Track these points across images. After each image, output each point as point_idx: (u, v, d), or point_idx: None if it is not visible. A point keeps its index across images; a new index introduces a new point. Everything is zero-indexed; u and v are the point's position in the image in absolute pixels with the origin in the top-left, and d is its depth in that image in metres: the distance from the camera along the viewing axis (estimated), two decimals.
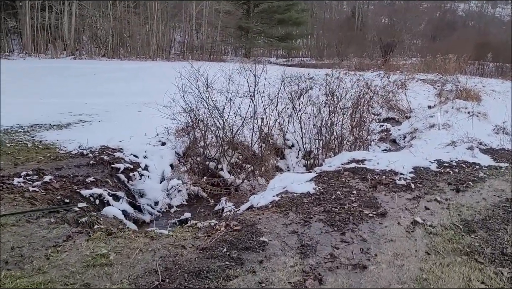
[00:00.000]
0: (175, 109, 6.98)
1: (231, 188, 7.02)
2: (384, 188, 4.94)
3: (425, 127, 10.50)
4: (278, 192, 4.93)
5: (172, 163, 6.86)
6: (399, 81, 15.11)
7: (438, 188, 5.02)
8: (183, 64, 7.43)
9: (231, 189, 7.02)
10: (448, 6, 65.82)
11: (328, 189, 4.88)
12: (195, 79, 6.84)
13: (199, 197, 6.56)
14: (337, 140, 8.48)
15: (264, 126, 7.61)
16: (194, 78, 6.83)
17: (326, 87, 8.42)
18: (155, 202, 6.22)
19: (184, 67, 7.00)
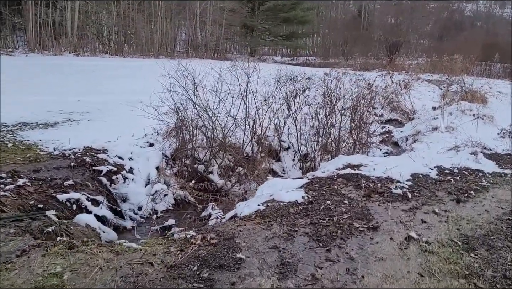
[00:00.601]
0: (162, 109, 6.65)
1: (222, 192, 6.71)
2: (378, 197, 4.59)
3: (428, 130, 10.14)
4: (264, 200, 4.59)
5: (159, 166, 6.53)
6: (403, 81, 14.70)
7: (437, 198, 4.67)
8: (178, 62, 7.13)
9: (221, 193, 6.71)
10: (455, 6, 65.07)
11: (318, 197, 4.53)
12: (183, 77, 6.49)
13: (186, 202, 6.23)
14: (335, 143, 8.13)
15: (257, 127, 7.28)
16: (182, 76, 6.48)
17: (324, 87, 8.05)
18: (138, 207, 5.89)
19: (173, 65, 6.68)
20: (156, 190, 5.88)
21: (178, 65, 6.50)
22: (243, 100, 6.86)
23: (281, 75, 7.71)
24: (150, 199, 5.85)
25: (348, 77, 8.70)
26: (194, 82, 6.50)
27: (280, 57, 50.81)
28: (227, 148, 6.93)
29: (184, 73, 6.50)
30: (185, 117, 6.65)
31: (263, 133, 7.48)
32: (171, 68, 6.51)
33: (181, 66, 6.51)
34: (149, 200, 5.82)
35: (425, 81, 21.05)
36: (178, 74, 6.46)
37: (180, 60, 7.11)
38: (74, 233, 4.12)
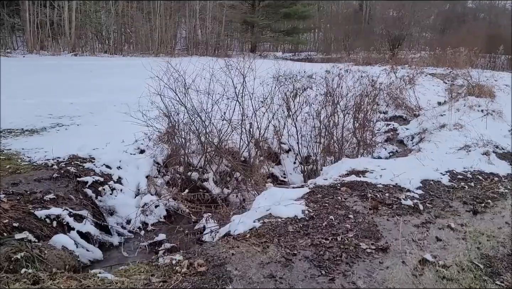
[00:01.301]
0: (152, 114, 6.24)
1: (218, 201, 6.29)
2: (386, 210, 4.15)
3: (435, 127, 9.67)
4: (260, 214, 4.16)
5: (149, 174, 6.11)
6: (407, 77, 14.22)
7: (451, 209, 4.23)
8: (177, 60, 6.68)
9: (218, 201, 6.29)
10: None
11: (320, 211, 4.10)
12: (173, 79, 6.06)
13: (179, 213, 5.80)
14: (338, 144, 7.69)
15: (255, 130, 6.84)
16: (171, 78, 6.05)
17: (325, 86, 7.60)
18: (127, 220, 5.47)
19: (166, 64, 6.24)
20: (145, 202, 5.45)
21: (168, 66, 6.04)
22: (239, 102, 6.42)
23: (280, 74, 7.25)
24: (140, 212, 5.43)
25: (350, 75, 8.22)
26: (184, 84, 6.05)
27: (281, 53, 50.23)
28: (223, 152, 6.49)
29: (174, 75, 6.05)
30: (177, 122, 6.21)
31: (262, 136, 7.04)
32: (162, 69, 6.07)
33: (171, 67, 6.06)
34: (138, 213, 5.40)
35: (428, 75, 20.53)
36: (167, 76, 6.02)
37: (181, 58, 6.63)
38: (49, 258, 3.71)
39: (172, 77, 6.01)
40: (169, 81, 5.97)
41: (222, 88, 6.40)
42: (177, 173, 6.36)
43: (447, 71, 22.86)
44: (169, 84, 5.98)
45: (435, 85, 17.99)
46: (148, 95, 6.06)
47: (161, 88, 6.04)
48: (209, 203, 6.10)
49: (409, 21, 39.86)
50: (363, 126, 8.17)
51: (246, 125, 6.45)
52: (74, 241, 4.69)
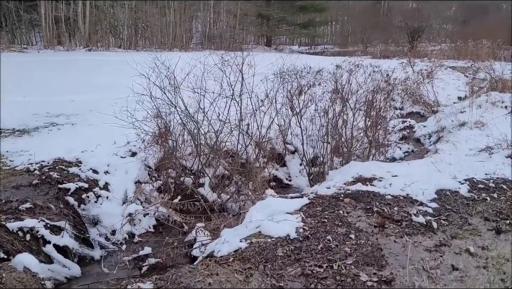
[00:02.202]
0: (143, 114, 5.78)
1: (215, 208, 5.82)
2: (394, 228, 3.61)
3: (454, 125, 9.01)
4: (249, 231, 3.66)
5: (139, 180, 5.65)
6: (425, 71, 13.50)
7: (470, 227, 3.66)
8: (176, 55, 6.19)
9: (214, 208, 5.82)
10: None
11: (318, 229, 3.58)
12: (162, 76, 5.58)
13: (170, 222, 5.32)
14: (347, 144, 7.13)
15: (254, 131, 6.33)
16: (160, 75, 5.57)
17: (334, 83, 7.03)
18: (112, 230, 5.03)
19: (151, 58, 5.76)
20: (130, 213, 4.99)
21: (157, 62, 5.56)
22: (236, 102, 5.91)
23: (283, 70, 6.70)
24: (125, 222, 4.97)
25: (361, 70, 7.62)
26: (174, 82, 5.57)
27: (297, 47, 49.45)
28: (220, 155, 6.00)
29: (164, 72, 5.57)
30: (168, 123, 5.73)
31: (263, 136, 6.52)
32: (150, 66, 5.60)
33: (162, 63, 5.58)
34: (123, 223, 4.95)
35: (449, 68, 19.71)
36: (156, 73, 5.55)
37: (195, 52, 6.13)
38: (7, 282, 3.27)
39: (161, 74, 5.53)
40: (157, 79, 5.49)
41: (218, 86, 5.90)
42: (170, 177, 5.90)
43: (469, 64, 22.01)
44: (158, 82, 5.50)
45: (455, 79, 17.21)
46: (138, 94, 5.60)
47: (150, 87, 5.57)
48: (204, 210, 5.64)
49: (429, 12, 38.64)
50: (376, 125, 7.58)
51: (244, 126, 5.92)
52: (50, 256, 4.31)
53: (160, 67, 5.58)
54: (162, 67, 5.62)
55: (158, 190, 5.78)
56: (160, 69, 5.58)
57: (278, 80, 6.56)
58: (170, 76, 5.62)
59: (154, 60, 5.56)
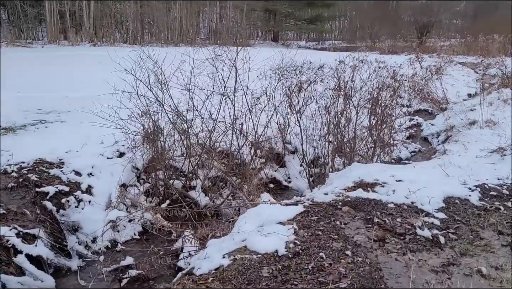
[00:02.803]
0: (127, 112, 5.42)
1: (207, 212, 5.46)
2: (396, 243, 3.21)
3: (463, 124, 8.57)
4: (234, 246, 3.29)
5: (125, 182, 5.29)
6: (434, 67, 13.02)
7: (482, 242, 3.26)
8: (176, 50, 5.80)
9: (207, 212, 5.46)
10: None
11: (310, 243, 3.19)
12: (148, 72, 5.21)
13: (155, 230, 4.95)
14: (349, 144, 6.74)
15: (250, 130, 5.95)
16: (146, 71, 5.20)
17: (336, 79, 6.63)
18: (93, 238, 4.68)
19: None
20: (111, 220, 4.63)
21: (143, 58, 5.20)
22: (230, 99, 5.52)
23: (281, 66, 6.30)
24: (107, 229, 4.62)
25: (366, 66, 7.21)
26: (161, 79, 5.19)
27: (305, 42, 48.90)
28: (214, 156, 5.63)
29: (150, 68, 5.20)
30: (156, 122, 5.37)
31: (260, 136, 6.14)
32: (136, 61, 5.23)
33: (147, 57, 5.21)
34: (105, 229, 4.59)
35: (458, 64, 19.19)
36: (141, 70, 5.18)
37: (201, 48, 5.72)
38: None
39: (147, 70, 5.16)
40: (143, 75, 5.13)
41: (211, 82, 5.51)
42: (160, 180, 5.54)
43: (479, 60, 21.50)
44: (145, 78, 5.13)
45: (465, 75, 16.72)
46: (123, 91, 5.24)
47: (137, 84, 5.20)
48: (197, 215, 5.28)
49: (438, 7, 37.91)
50: (381, 123, 7.17)
51: (238, 125, 5.55)
52: (21, 267, 3.96)
53: (147, 62, 5.20)
54: (149, 62, 5.23)
55: (146, 194, 5.43)
56: (146, 64, 5.20)
57: (275, 76, 6.15)
58: (157, 72, 5.24)
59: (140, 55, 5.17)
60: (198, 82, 5.44)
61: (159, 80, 5.21)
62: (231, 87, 5.52)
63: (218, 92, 5.46)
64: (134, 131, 5.40)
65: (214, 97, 5.65)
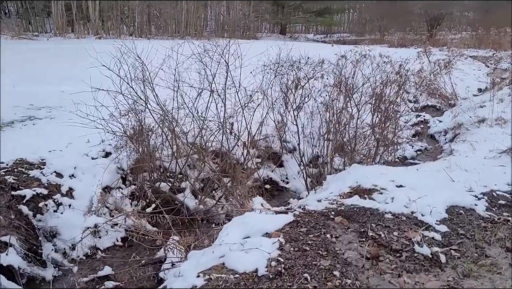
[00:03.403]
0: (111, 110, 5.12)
1: (197, 216, 5.17)
2: (392, 261, 2.89)
3: (472, 122, 8.17)
4: (212, 262, 2.98)
5: (109, 184, 5.00)
6: (442, 61, 12.57)
7: (488, 261, 2.92)
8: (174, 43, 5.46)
9: (197, 216, 5.17)
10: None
11: (296, 261, 2.87)
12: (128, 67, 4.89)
13: (135, 238, 4.64)
14: (350, 144, 6.39)
15: (243, 130, 5.63)
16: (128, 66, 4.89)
17: (337, 75, 6.27)
18: (72, 245, 4.40)
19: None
20: (88, 227, 4.35)
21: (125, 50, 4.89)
22: (220, 97, 5.20)
23: (276, 61, 5.94)
24: (85, 236, 4.33)
25: (368, 61, 6.83)
26: (144, 75, 4.88)
27: (313, 35, 48.32)
28: (204, 157, 5.32)
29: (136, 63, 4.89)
30: (142, 120, 5.06)
31: (253, 135, 5.82)
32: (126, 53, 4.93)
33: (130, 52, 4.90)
34: (82, 237, 4.30)
35: (469, 57, 18.69)
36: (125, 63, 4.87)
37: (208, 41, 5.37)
38: None
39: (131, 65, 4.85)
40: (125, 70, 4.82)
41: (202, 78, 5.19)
42: (148, 181, 5.24)
43: (490, 54, 20.98)
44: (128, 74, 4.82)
45: (475, 69, 16.27)
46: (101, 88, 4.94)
47: (120, 81, 4.90)
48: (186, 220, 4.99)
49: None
50: (384, 121, 6.81)
51: (228, 125, 5.23)
52: None
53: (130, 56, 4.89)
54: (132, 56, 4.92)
55: (132, 196, 5.13)
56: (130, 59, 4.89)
57: (270, 72, 5.81)
58: (140, 67, 4.93)
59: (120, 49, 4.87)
60: (187, 79, 5.11)
61: (143, 76, 4.89)
62: (222, 84, 5.19)
63: (207, 89, 5.12)
64: (116, 131, 5.08)
65: (205, 95, 5.32)
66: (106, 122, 4.97)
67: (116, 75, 4.83)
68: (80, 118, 4.94)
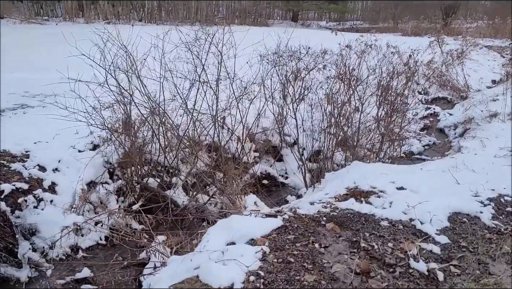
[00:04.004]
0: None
1: (188, 213, 4.92)
2: (384, 278, 2.60)
3: (483, 116, 7.79)
4: (187, 273, 2.73)
5: (94, 179, 4.77)
6: (455, 51, 12.09)
7: (491, 280, 2.62)
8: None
9: (188, 213, 4.92)
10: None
11: (277, 275, 2.61)
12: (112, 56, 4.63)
13: (127, 233, 4.42)
14: (353, 138, 6.09)
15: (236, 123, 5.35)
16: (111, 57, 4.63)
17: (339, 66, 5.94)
18: (52, 243, 4.17)
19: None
20: (66, 226, 4.11)
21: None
22: (212, 89, 4.91)
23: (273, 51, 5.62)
24: (64, 234, 4.10)
25: (374, 51, 6.48)
26: (127, 65, 4.60)
27: (325, 22, 47.54)
28: (196, 151, 5.05)
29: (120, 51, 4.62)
30: (129, 112, 4.79)
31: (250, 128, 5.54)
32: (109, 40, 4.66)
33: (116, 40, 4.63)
34: (62, 235, 4.07)
35: (484, 47, 18.09)
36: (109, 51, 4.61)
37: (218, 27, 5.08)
38: None
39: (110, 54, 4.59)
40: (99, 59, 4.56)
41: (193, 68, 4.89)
42: (137, 176, 5.00)
43: (507, 43, 20.35)
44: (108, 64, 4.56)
45: (490, 59, 15.71)
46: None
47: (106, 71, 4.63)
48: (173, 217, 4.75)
49: None
50: (391, 114, 6.48)
51: (220, 119, 4.94)
52: None
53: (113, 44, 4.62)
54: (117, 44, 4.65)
55: (118, 192, 4.89)
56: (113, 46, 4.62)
57: (268, 63, 5.49)
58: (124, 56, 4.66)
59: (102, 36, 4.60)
60: (177, 69, 4.82)
61: (126, 66, 4.62)
62: (216, 74, 4.89)
63: (197, 80, 4.83)
64: (100, 125, 4.82)
65: (196, 87, 5.03)
66: (90, 115, 4.70)
67: (97, 64, 4.56)
68: (61, 109, 4.64)
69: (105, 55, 4.60)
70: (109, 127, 4.75)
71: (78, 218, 4.17)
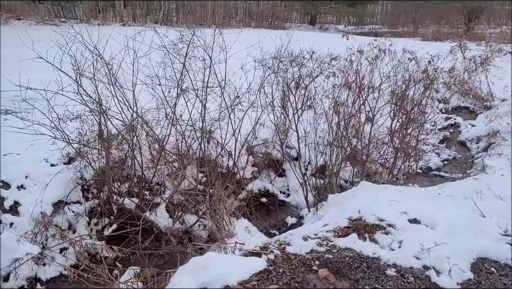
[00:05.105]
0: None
1: (171, 238, 4.34)
2: None
3: (509, 130, 7.05)
4: None
5: (63, 199, 4.21)
6: (479, 58, 11.30)
7: None
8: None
9: (171, 238, 4.34)
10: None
11: None
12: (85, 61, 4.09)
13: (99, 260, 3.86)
14: (362, 153, 5.45)
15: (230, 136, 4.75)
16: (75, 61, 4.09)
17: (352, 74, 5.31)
18: (7, 274, 3.62)
19: None
20: (16, 258, 3.55)
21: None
22: (199, 98, 4.31)
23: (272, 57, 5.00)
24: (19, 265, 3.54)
25: (388, 58, 5.82)
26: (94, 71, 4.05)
27: (344, 26, 46.78)
28: (182, 168, 4.46)
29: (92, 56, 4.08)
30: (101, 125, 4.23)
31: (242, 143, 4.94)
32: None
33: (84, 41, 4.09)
34: (16, 266, 3.52)
35: (509, 54, 17.19)
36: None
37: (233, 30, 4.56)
38: None
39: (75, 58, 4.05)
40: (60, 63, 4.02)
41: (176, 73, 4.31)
42: (114, 194, 4.43)
43: None
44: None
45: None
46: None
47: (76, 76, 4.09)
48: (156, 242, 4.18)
49: None
50: (406, 127, 5.83)
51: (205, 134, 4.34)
52: None
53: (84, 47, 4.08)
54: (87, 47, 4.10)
55: (92, 213, 4.33)
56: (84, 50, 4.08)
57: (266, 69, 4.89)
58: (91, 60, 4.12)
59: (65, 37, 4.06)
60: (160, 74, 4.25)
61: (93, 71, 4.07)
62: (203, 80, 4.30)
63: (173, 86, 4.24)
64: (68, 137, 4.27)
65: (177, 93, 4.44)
66: (55, 126, 4.15)
67: (58, 69, 4.02)
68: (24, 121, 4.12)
69: (76, 59, 4.03)
70: (73, 141, 4.17)
71: (34, 247, 3.61)
